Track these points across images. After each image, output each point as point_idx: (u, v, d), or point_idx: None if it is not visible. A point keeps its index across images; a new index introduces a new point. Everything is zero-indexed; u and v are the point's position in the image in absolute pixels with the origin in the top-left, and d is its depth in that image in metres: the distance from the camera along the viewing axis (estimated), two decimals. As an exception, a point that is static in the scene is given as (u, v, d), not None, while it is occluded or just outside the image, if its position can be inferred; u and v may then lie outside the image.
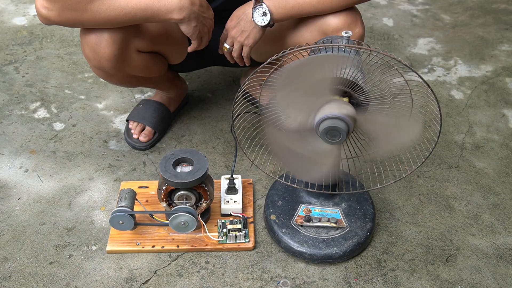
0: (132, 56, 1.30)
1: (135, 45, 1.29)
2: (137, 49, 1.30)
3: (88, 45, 1.25)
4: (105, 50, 1.23)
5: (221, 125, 1.64)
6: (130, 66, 1.32)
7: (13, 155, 1.51)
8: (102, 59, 1.25)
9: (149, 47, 1.33)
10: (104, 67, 1.27)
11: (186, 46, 1.44)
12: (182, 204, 1.22)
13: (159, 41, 1.35)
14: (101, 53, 1.24)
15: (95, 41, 1.23)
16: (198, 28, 1.24)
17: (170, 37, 1.37)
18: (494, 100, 1.79)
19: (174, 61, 1.46)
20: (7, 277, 1.20)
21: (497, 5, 2.35)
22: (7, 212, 1.35)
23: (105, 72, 1.31)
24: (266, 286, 1.19)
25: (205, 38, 1.30)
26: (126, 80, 1.40)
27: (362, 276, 1.22)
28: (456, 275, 1.23)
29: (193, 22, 1.22)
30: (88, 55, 1.27)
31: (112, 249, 1.25)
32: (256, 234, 1.30)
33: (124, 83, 1.43)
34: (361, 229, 1.25)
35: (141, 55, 1.33)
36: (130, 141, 1.54)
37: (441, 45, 2.07)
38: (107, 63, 1.26)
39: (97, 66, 1.28)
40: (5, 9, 2.18)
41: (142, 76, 1.41)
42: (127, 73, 1.35)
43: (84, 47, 1.27)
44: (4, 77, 1.81)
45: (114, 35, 1.22)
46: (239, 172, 1.48)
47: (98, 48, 1.23)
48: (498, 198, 1.43)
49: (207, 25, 1.27)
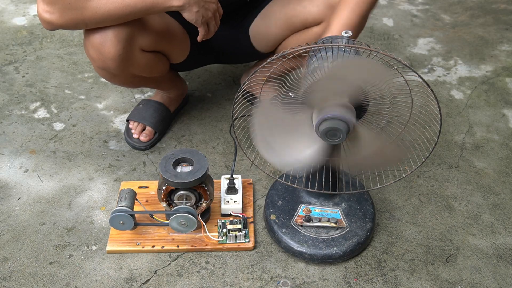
0: (136, 55, 1.30)
1: (139, 43, 1.28)
2: (141, 48, 1.30)
3: (92, 46, 1.24)
4: (110, 49, 1.23)
5: (221, 125, 1.64)
6: (134, 66, 1.32)
7: (13, 155, 1.51)
8: (107, 59, 1.25)
9: (153, 45, 1.33)
10: (109, 67, 1.27)
11: (187, 44, 1.44)
12: (182, 204, 1.22)
13: (162, 39, 1.35)
14: (106, 53, 1.24)
15: (99, 41, 1.23)
16: (200, 13, 1.22)
17: (172, 35, 1.37)
18: (494, 100, 1.79)
19: (176, 60, 1.46)
20: (7, 277, 1.20)
21: (497, 5, 2.35)
22: (7, 212, 1.35)
23: (109, 72, 1.31)
24: (266, 286, 1.19)
25: (211, 24, 1.28)
26: (129, 80, 1.40)
27: (362, 276, 1.22)
28: (456, 275, 1.23)
29: (194, 8, 1.21)
30: (92, 55, 1.26)
31: (112, 249, 1.25)
32: (256, 234, 1.30)
33: (127, 83, 1.43)
34: (361, 229, 1.25)
35: (145, 54, 1.33)
36: (130, 141, 1.54)
37: (441, 45, 2.07)
38: (111, 63, 1.26)
39: (102, 66, 1.28)
40: (5, 9, 2.18)
41: (144, 76, 1.41)
42: (130, 73, 1.34)
43: (88, 48, 1.26)
44: (4, 77, 1.81)
45: (119, 34, 1.22)
46: (239, 172, 1.48)
47: (103, 48, 1.23)
48: (498, 198, 1.43)
49: (210, 9, 1.25)
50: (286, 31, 1.41)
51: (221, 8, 1.29)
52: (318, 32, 1.34)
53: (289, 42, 1.43)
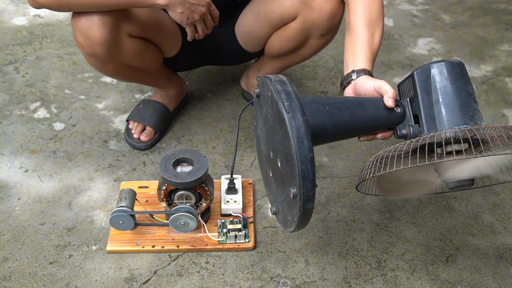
0: (124, 40, 1.29)
1: (126, 29, 1.28)
2: (129, 33, 1.30)
3: (79, 31, 1.25)
4: (96, 33, 1.23)
5: (221, 125, 1.64)
6: (123, 53, 1.31)
7: (13, 155, 1.51)
8: (94, 44, 1.25)
9: (141, 31, 1.33)
10: (97, 53, 1.27)
11: (178, 37, 1.44)
12: (182, 204, 1.22)
13: (150, 27, 1.34)
14: (92, 37, 1.24)
15: (85, 25, 1.23)
16: (185, 14, 1.23)
17: (161, 25, 1.37)
18: (494, 100, 1.79)
19: (168, 53, 1.46)
20: (7, 277, 1.20)
21: (497, 5, 2.35)
22: (7, 212, 1.35)
23: (99, 59, 1.30)
24: (266, 286, 1.20)
25: (199, 26, 1.28)
26: (121, 70, 1.38)
27: (362, 276, 1.22)
28: (456, 275, 1.23)
29: (178, 8, 1.21)
30: (80, 41, 1.27)
31: (112, 249, 1.25)
32: (256, 234, 1.30)
33: (120, 74, 1.42)
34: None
35: (134, 40, 1.32)
36: (130, 141, 1.54)
37: (441, 45, 2.07)
38: (99, 48, 1.26)
39: (90, 52, 1.28)
40: (5, 9, 2.18)
41: (137, 66, 1.40)
42: (121, 61, 1.34)
43: (76, 34, 1.27)
44: (4, 77, 1.81)
45: (105, 18, 1.23)
46: (239, 172, 1.48)
47: (89, 32, 1.24)
48: (498, 198, 1.43)
49: (197, 12, 1.25)
50: (267, 28, 1.42)
51: (216, 11, 1.29)
52: (295, 28, 1.35)
53: (272, 40, 1.44)
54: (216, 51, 1.53)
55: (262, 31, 1.43)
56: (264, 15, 1.39)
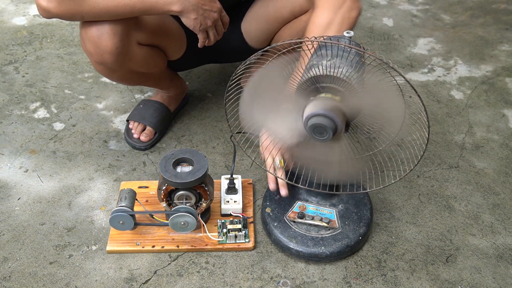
0: (133, 49, 1.30)
1: (136, 37, 1.29)
2: (138, 42, 1.30)
3: (89, 40, 1.24)
4: (107, 42, 1.23)
5: (221, 125, 1.64)
6: (132, 60, 1.32)
7: (13, 155, 1.51)
8: (105, 53, 1.25)
9: (149, 39, 1.33)
10: (106, 61, 1.27)
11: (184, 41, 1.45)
12: (182, 204, 1.22)
13: (159, 34, 1.35)
14: (103, 46, 1.24)
15: (96, 35, 1.23)
16: (199, 20, 1.24)
17: (168, 30, 1.38)
18: (494, 100, 1.79)
19: (173, 56, 1.46)
20: (7, 277, 1.20)
21: (497, 5, 2.35)
22: (7, 212, 1.35)
23: (107, 67, 1.30)
24: (266, 286, 1.20)
25: (211, 32, 1.29)
26: (127, 76, 1.39)
27: (362, 276, 1.22)
28: (456, 275, 1.23)
29: (192, 14, 1.22)
30: (89, 49, 1.26)
31: (112, 249, 1.25)
32: (256, 234, 1.30)
33: (125, 79, 1.43)
34: (353, 232, 1.24)
35: (142, 48, 1.33)
36: (130, 141, 1.54)
37: (441, 45, 2.07)
38: (109, 57, 1.26)
39: (99, 61, 1.28)
40: (5, 9, 2.18)
41: (142, 71, 1.40)
42: (128, 68, 1.34)
43: (85, 42, 1.26)
44: (4, 77, 1.81)
45: (115, 27, 1.22)
46: (239, 172, 1.48)
47: (100, 41, 1.23)
48: (498, 198, 1.43)
49: (210, 18, 1.26)
50: (276, 23, 1.43)
51: (227, 17, 1.30)
52: (307, 21, 1.36)
53: (282, 34, 1.44)
54: (220, 48, 1.53)
55: (271, 27, 1.44)
56: (274, 10, 1.40)
